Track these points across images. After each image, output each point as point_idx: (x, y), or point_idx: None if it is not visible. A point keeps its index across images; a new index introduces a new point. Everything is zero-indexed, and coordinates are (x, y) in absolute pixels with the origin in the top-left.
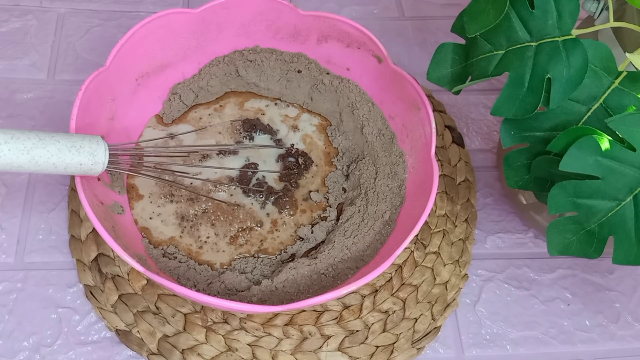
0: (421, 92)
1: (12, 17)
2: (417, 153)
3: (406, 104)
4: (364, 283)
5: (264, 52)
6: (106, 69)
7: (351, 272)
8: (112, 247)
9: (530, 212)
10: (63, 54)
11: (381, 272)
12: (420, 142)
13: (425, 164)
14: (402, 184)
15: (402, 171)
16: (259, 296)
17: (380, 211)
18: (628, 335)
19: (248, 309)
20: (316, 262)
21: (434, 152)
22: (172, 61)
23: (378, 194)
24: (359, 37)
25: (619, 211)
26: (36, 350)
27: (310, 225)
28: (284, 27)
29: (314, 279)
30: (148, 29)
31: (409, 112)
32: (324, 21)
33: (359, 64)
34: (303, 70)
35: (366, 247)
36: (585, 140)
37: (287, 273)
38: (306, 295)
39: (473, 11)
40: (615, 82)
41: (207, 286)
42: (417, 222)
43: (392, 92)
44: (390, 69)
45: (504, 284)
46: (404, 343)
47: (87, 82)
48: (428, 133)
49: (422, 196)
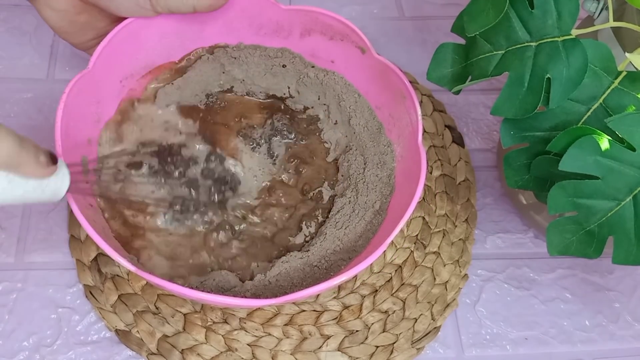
0: (406, 81)
1: (12, 17)
2: (404, 142)
3: (392, 94)
4: (357, 272)
5: (248, 48)
6: (89, 71)
7: (344, 262)
8: (103, 248)
9: (530, 212)
10: (62, 54)
11: (372, 261)
12: (407, 130)
13: (412, 152)
14: (391, 173)
15: (390, 160)
16: (253, 291)
17: (371, 201)
18: (628, 335)
19: (243, 303)
20: (308, 255)
21: (420, 139)
22: (156, 62)
23: (368, 184)
24: (341, 29)
25: (618, 211)
26: (36, 350)
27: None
28: (267, 23)
29: (307, 272)
30: (130, 30)
31: (395, 101)
32: (306, 15)
33: (343, 56)
34: (288, 65)
35: (358, 237)
36: (585, 140)
37: (280, 267)
38: (300, 288)
39: (473, 11)
40: (615, 82)
41: (200, 284)
42: (406, 210)
43: (378, 82)
44: (374, 59)
45: (504, 284)
46: (403, 343)
47: (71, 85)
48: (414, 121)
49: (411, 184)
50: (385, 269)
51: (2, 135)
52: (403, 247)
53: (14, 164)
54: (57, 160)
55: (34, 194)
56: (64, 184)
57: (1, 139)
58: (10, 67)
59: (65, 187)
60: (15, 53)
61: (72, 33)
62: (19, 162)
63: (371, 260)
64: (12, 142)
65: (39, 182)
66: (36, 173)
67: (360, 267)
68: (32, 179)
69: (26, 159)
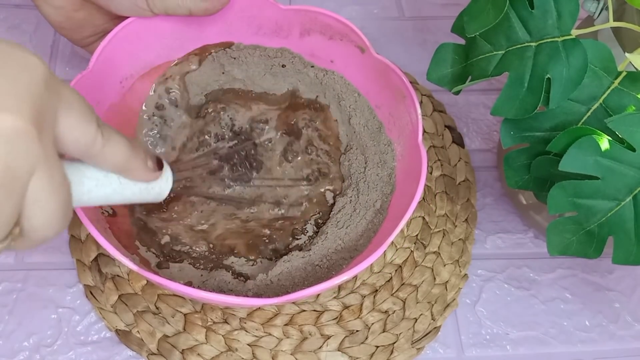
0: (405, 80)
1: (12, 17)
2: (404, 141)
3: (392, 93)
4: (358, 272)
5: (248, 48)
6: (89, 72)
7: (345, 262)
8: (105, 247)
9: (530, 212)
10: (62, 53)
11: (373, 260)
12: (407, 129)
13: (413, 151)
14: (391, 172)
15: (391, 159)
16: (255, 290)
17: (372, 200)
18: (628, 335)
19: (245, 302)
20: (310, 254)
21: (421, 138)
22: (155, 62)
23: (369, 184)
24: (340, 29)
25: (618, 211)
26: (36, 350)
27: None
28: (266, 23)
29: (309, 271)
30: (130, 31)
31: (395, 100)
32: (305, 15)
33: (343, 56)
34: (287, 65)
35: (359, 236)
36: (585, 140)
37: (282, 266)
38: (301, 287)
39: (473, 11)
40: (615, 82)
41: (201, 283)
42: (407, 209)
43: (377, 81)
44: (374, 58)
45: (504, 284)
46: (403, 343)
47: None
48: (414, 120)
49: (411, 183)
50: (386, 268)
51: (117, 141)
52: (403, 247)
53: (127, 168)
54: (162, 164)
55: (140, 195)
56: (167, 186)
57: (116, 145)
58: None
59: (168, 189)
60: None
61: (70, 29)
62: (131, 167)
63: (372, 259)
64: (126, 148)
65: (146, 185)
66: (145, 177)
67: (362, 266)
68: (141, 182)
69: (137, 164)
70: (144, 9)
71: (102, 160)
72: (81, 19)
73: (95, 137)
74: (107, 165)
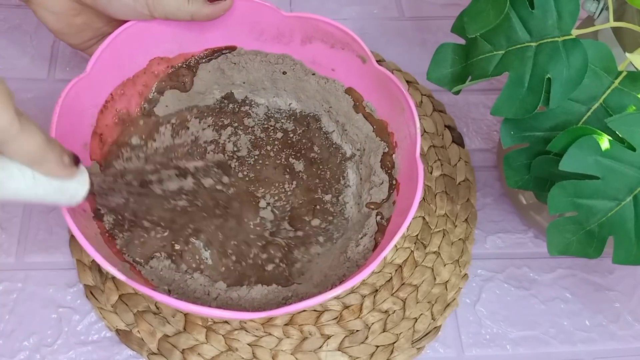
0: (405, 93)
1: (12, 17)
2: (402, 153)
3: (392, 104)
4: (354, 284)
5: (249, 54)
6: (87, 75)
7: (349, 271)
8: (93, 256)
9: (530, 212)
10: (63, 53)
11: (368, 273)
12: (405, 142)
13: (410, 164)
14: (389, 185)
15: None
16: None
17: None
18: (628, 335)
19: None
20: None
21: (419, 152)
22: (154, 66)
23: (366, 195)
24: (342, 37)
25: (618, 211)
26: (36, 350)
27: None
28: (268, 29)
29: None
30: (129, 34)
31: (394, 112)
32: (307, 22)
33: (344, 65)
34: (288, 72)
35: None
36: (585, 140)
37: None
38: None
39: (473, 11)
40: (615, 82)
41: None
42: (403, 223)
43: (377, 92)
44: (375, 69)
45: (504, 284)
46: (404, 343)
47: (67, 89)
48: (413, 133)
49: (408, 197)
50: (386, 268)
51: (32, 131)
52: (403, 247)
53: (39, 160)
54: (79, 163)
55: (54, 195)
56: (83, 189)
57: (32, 135)
58: (11, 67)
59: (84, 192)
60: (15, 53)
61: (69, 34)
62: (45, 159)
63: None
64: (41, 139)
65: (60, 184)
66: (59, 172)
67: (357, 279)
68: (55, 180)
69: (51, 157)
70: (143, 13)
71: (17, 148)
72: (80, 23)
73: (12, 123)
74: (21, 154)
